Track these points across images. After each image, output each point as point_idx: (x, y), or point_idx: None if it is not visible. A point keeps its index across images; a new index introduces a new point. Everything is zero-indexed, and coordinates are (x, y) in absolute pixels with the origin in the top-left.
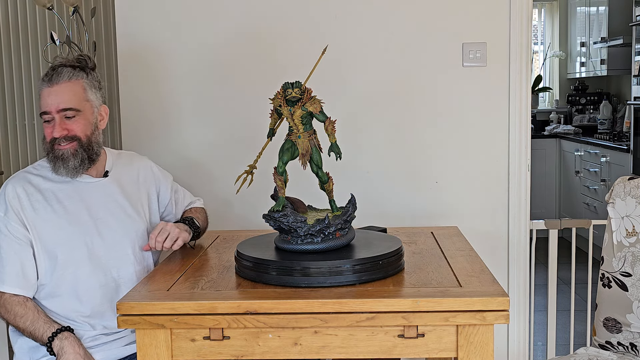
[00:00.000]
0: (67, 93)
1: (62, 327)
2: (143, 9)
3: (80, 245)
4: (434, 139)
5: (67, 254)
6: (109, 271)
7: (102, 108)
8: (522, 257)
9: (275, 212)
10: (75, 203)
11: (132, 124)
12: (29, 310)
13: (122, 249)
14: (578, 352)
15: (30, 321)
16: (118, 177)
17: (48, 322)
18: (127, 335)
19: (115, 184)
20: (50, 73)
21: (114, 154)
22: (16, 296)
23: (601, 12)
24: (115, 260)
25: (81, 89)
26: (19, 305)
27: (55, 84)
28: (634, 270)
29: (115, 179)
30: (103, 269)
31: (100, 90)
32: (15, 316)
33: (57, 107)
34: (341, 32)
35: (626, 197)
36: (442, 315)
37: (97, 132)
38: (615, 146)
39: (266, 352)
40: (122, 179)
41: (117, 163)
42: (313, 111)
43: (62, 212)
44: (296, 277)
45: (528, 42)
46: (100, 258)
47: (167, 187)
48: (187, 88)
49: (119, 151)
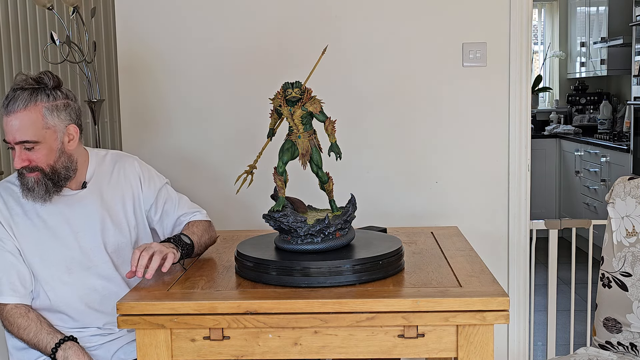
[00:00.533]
0: (23, 124)
1: (65, 337)
2: (143, 9)
3: (59, 261)
4: (434, 139)
5: (45, 271)
6: (91, 284)
7: (69, 128)
8: (522, 257)
9: (275, 212)
10: (54, 216)
11: (132, 123)
12: (32, 321)
13: (104, 262)
14: (578, 352)
15: (34, 333)
16: (99, 186)
17: (51, 332)
18: (105, 345)
19: (95, 194)
20: (9, 96)
21: (98, 158)
22: (17, 307)
23: (601, 12)
24: (96, 274)
25: (39, 117)
26: (21, 317)
27: (11, 114)
28: (634, 270)
29: (96, 189)
30: (84, 282)
31: (67, 109)
32: (18, 329)
33: (13, 139)
34: (341, 32)
35: (626, 197)
36: (442, 315)
37: (64, 156)
38: (615, 146)
39: (266, 352)
40: (102, 187)
41: (99, 170)
42: (313, 111)
43: (42, 226)
44: (296, 277)
45: (528, 42)
46: (81, 271)
47: (150, 190)
48: (187, 88)
49: (106, 152)
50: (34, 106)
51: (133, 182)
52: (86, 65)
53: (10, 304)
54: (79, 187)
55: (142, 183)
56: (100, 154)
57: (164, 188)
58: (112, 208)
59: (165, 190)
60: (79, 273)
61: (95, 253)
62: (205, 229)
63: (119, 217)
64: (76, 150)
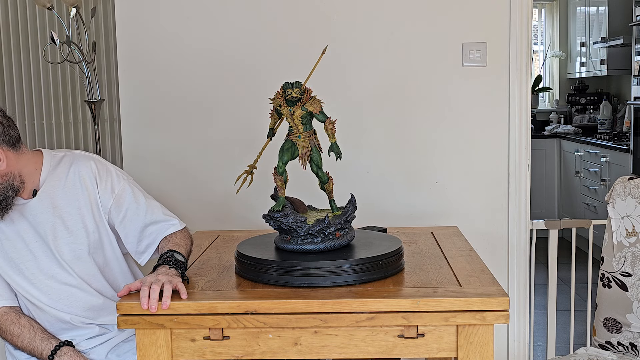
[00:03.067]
0: None
1: (60, 343)
2: (143, 9)
3: (19, 277)
4: (434, 138)
5: (16, 280)
6: (55, 298)
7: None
8: (522, 257)
9: (275, 212)
10: (10, 229)
11: (132, 124)
12: (24, 328)
13: (62, 270)
14: (578, 352)
15: (27, 340)
16: (51, 193)
17: (45, 338)
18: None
19: (47, 201)
20: None
21: (54, 162)
22: (7, 314)
23: (601, 12)
24: (58, 282)
25: None
26: (13, 324)
27: None
28: (634, 270)
29: (47, 196)
30: (48, 296)
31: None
32: (12, 336)
33: None
34: (341, 32)
35: (626, 197)
36: (442, 315)
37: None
38: (615, 146)
39: (266, 352)
40: (56, 193)
41: (53, 175)
42: (313, 111)
43: (3, 238)
44: (296, 277)
45: (528, 42)
46: (45, 281)
47: (107, 191)
48: (187, 88)
49: (64, 154)
50: None
51: (89, 183)
52: (86, 65)
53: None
54: (30, 195)
55: (98, 184)
56: (56, 157)
57: (127, 190)
58: (66, 213)
59: (128, 192)
60: (42, 282)
61: (50, 264)
62: (185, 237)
63: (74, 222)
64: (16, 165)
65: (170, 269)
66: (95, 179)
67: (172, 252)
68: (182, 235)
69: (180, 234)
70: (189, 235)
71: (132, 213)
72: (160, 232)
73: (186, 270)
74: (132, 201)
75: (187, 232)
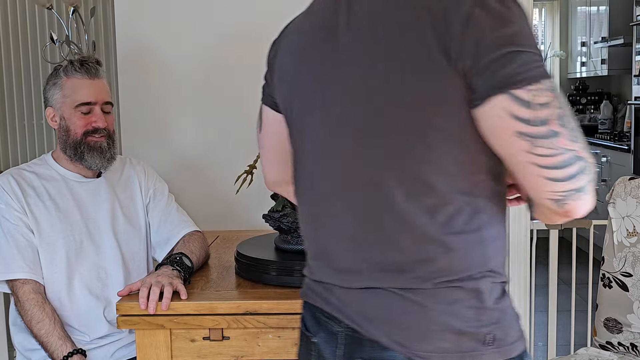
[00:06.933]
0: (106, 88)
1: (73, 350)
2: (143, 9)
3: (69, 244)
4: None
5: (57, 252)
6: (96, 273)
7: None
8: (523, 257)
9: (275, 212)
10: (67, 201)
11: (132, 124)
12: (46, 316)
13: (111, 248)
14: (578, 353)
15: (45, 330)
16: (110, 180)
17: (62, 337)
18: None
19: (108, 185)
20: (86, 66)
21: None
22: (34, 293)
23: (602, 12)
24: (102, 263)
25: (108, 88)
26: (38, 307)
27: (96, 78)
28: (634, 270)
29: (108, 181)
30: (89, 270)
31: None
32: (32, 319)
33: (102, 99)
34: None
35: (627, 197)
36: None
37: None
38: (616, 146)
39: (266, 352)
40: (114, 182)
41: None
42: None
43: (54, 208)
44: (296, 277)
45: None
46: (88, 259)
47: (149, 187)
48: (186, 88)
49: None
50: (105, 80)
51: (141, 180)
52: None
53: (27, 287)
54: (92, 175)
55: (146, 181)
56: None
57: (168, 195)
58: (123, 202)
59: (169, 197)
60: (84, 258)
61: (103, 240)
62: (202, 249)
63: (131, 211)
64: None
65: (173, 270)
66: (144, 176)
67: (183, 255)
68: (200, 246)
69: (199, 244)
70: (206, 249)
71: (168, 215)
72: (184, 228)
73: (190, 277)
74: (171, 205)
75: (206, 245)
